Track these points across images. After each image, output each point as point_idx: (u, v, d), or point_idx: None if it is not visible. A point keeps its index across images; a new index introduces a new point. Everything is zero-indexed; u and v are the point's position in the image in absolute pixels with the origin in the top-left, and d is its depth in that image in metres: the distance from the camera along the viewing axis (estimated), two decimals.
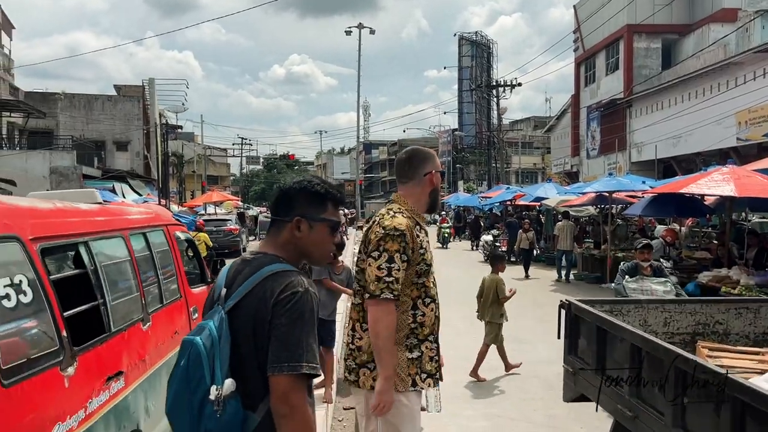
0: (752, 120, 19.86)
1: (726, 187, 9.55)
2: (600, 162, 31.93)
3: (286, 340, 1.73)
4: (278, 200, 2.00)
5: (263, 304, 1.78)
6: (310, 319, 1.78)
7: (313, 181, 2.01)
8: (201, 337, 1.80)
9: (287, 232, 1.95)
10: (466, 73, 50.08)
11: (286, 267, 1.87)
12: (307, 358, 1.73)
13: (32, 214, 2.98)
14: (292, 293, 1.78)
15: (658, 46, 29.74)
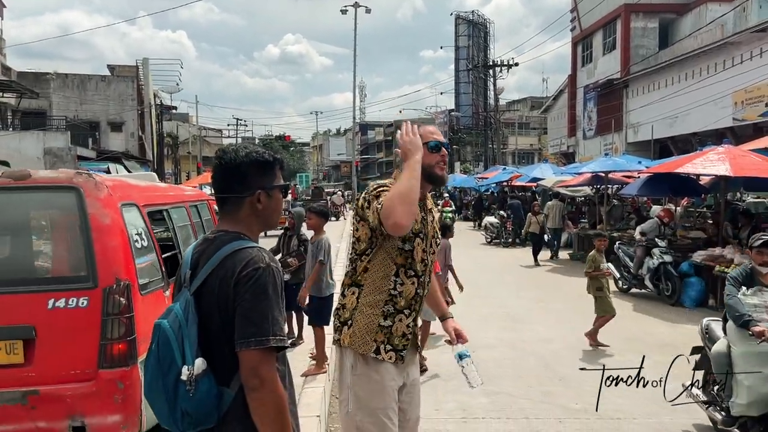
0: (748, 100, 19.85)
1: (721, 166, 9.59)
2: (596, 142, 31.92)
3: (251, 315, 1.77)
4: (229, 176, 1.97)
5: (225, 283, 1.82)
6: (274, 293, 1.82)
7: (258, 149, 2.02)
8: (168, 320, 1.85)
9: (247, 207, 1.98)
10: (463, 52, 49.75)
11: (246, 243, 1.90)
12: (274, 331, 1.78)
13: (139, 189, 4.52)
14: (254, 269, 1.81)
15: (655, 25, 29.59)
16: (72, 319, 3.60)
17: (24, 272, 3.86)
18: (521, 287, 11.47)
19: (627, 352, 7.26)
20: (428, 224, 2.73)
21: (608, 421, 5.14)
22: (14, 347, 3.55)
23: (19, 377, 3.52)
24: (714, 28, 23.56)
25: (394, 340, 2.62)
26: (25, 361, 3.56)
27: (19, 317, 3.57)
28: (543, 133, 51.75)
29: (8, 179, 3.86)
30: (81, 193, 3.78)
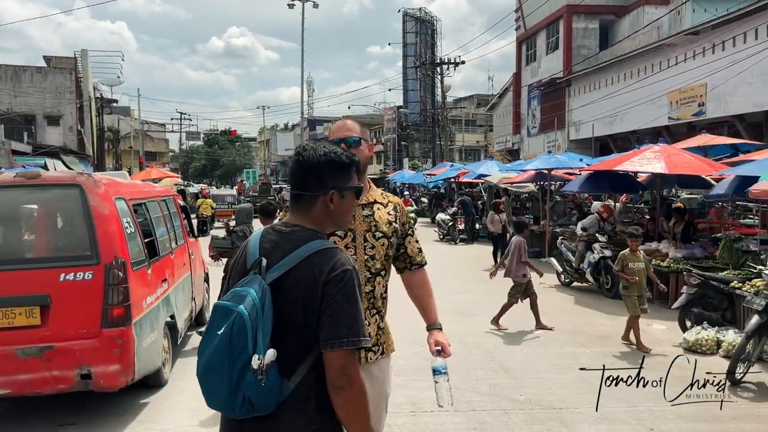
0: (682, 100, 20.74)
1: (657, 164, 10.01)
2: (540, 140, 32.70)
3: (342, 316, 1.84)
4: (306, 173, 2.01)
5: (313, 282, 1.86)
6: (359, 296, 1.90)
7: (336, 150, 2.05)
8: (244, 305, 1.83)
9: (321, 206, 2.01)
10: (411, 49, 49.98)
11: (328, 244, 1.95)
12: (363, 332, 1.86)
13: (126, 186, 5.80)
14: (343, 271, 1.87)
15: (596, 26, 30.52)
16: (79, 289, 4.68)
17: (39, 252, 5.09)
18: (468, 281, 11.68)
19: (569, 344, 7.52)
20: (356, 220, 2.67)
21: (551, 411, 5.32)
22: (32, 312, 4.62)
23: (37, 336, 4.58)
24: (651, 30, 24.51)
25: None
26: (42, 323, 4.62)
27: (36, 288, 4.64)
28: (489, 130, 52.64)
29: (23, 178, 5.03)
30: (83, 189, 4.87)
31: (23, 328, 4.60)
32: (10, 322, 4.61)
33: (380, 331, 2.73)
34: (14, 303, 4.62)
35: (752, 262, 8.04)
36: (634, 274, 7.33)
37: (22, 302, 4.61)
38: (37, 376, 4.63)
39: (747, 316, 6.86)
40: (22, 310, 4.60)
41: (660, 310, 9.27)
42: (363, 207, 2.70)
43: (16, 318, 4.62)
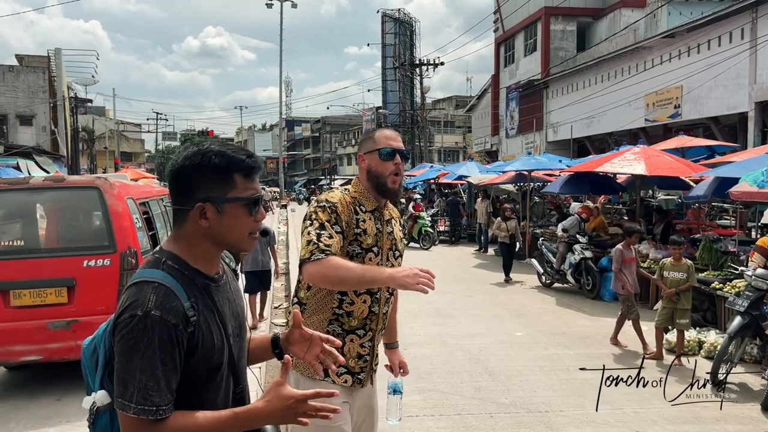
0: (659, 102, 20.97)
1: (637, 166, 10.06)
2: (518, 141, 32.87)
3: (118, 373, 1.48)
4: (174, 184, 1.61)
5: (113, 321, 1.54)
6: (149, 349, 1.45)
7: (211, 150, 1.58)
8: (87, 340, 1.69)
9: (191, 223, 1.59)
10: (390, 50, 49.96)
11: (149, 275, 1.54)
12: (137, 399, 1.43)
13: (133, 187, 6.77)
14: (129, 316, 1.47)
15: (573, 28, 30.77)
16: (99, 273, 5.61)
17: (66, 243, 5.96)
18: (447, 282, 11.62)
19: (551, 345, 7.49)
20: (383, 236, 2.51)
21: (537, 415, 5.27)
22: (61, 292, 5.58)
23: (64, 312, 5.53)
24: (627, 33, 24.76)
25: (348, 362, 2.44)
26: (68, 301, 5.56)
27: (64, 272, 5.57)
28: (468, 131, 52.80)
29: (50, 182, 6.21)
30: (101, 191, 5.80)
31: (53, 305, 5.61)
32: (43, 300, 5.63)
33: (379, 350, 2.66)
34: (46, 285, 5.63)
35: (732, 263, 8.10)
36: (669, 283, 6.84)
37: (52, 284, 5.63)
38: (64, 345, 5.58)
39: (729, 317, 6.89)
40: (52, 290, 5.64)
41: (641, 312, 9.31)
42: (386, 223, 2.55)
43: (47, 297, 5.63)
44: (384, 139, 2.46)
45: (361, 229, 2.41)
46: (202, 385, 1.57)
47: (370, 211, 2.47)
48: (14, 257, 5.72)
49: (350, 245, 2.39)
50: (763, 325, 6.03)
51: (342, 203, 2.40)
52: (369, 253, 2.43)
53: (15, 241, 5.95)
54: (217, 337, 1.59)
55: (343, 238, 2.35)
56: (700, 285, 7.75)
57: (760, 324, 6.10)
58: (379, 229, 2.48)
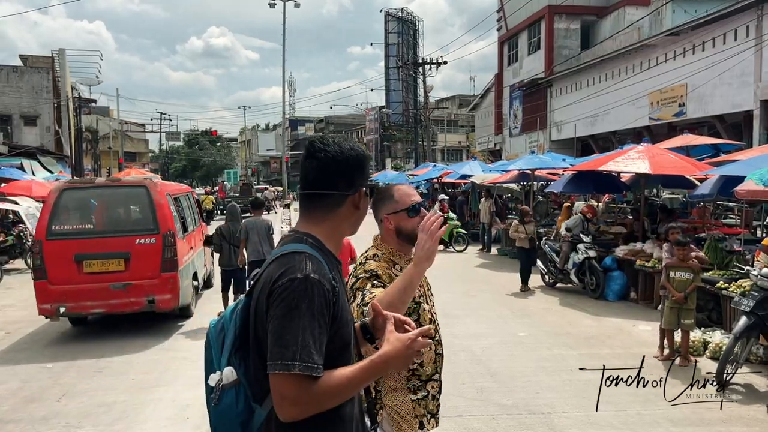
0: (663, 100, 20.84)
1: (641, 164, 9.97)
2: (522, 140, 32.76)
3: (278, 335, 1.56)
4: (333, 172, 1.78)
5: (263, 290, 1.64)
6: (309, 310, 1.57)
7: (357, 144, 1.87)
8: (214, 320, 1.79)
9: (347, 207, 1.81)
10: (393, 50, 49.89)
11: (297, 247, 1.69)
12: (302, 357, 1.53)
13: (169, 185, 9.31)
14: (289, 279, 1.59)
15: (577, 27, 30.63)
16: (148, 248, 7.80)
17: (123, 226, 8.15)
18: (451, 282, 11.57)
19: (555, 346, 7.42)
20: (423, 282, 2.56)
21: (539, 416, 5.21)
22: (119, 262, 7.80)
23: (122, 277, 7.75)
24: (631, 31, 24.63)
25: (429, 407, 2.53)
26: (125, 269, 7.78)
27: (122, 248, 7.82)
28: (471, 130, 52.73)
29: (110, 182, 8.81)
30: (148, 189, 8.06)
31: (114, 272, 7.82)
32: (107, 268, 7.84)
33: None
34: (109, 257, 7.87)
35: (737, 262, 8.01)
36: (675, 284, 6.74)
37: (114, 256, 7.87)
38: (121, 301, 7.86)
39: (734, 317, 6.81)
40: (114, 261, 7.87)
41: (645, 312, 9.24)
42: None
43: (110, 266, 7.85)
44: (405, 197, 2.51)
45: None
46: (339, 354, 1.67)
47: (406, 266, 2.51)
48: (86, 237, 7.93)
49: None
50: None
51: (382, 270, 2.45)
52: (421, 305, 2.52)
53: (86, 225, 8.11)
54: (347, 312, 1.75)
55: None
56: (705, 285, 7.67)
57: (766, 324, 6.02)
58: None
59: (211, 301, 10.06)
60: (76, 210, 8.15)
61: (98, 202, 8.35)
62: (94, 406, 5.69)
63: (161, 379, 6.42)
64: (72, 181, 10.29)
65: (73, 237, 7.85)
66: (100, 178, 9.81)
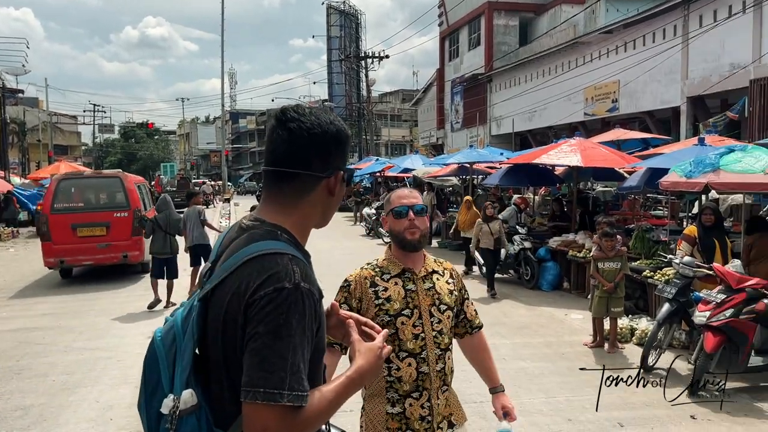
0: (597, 96, 21.48)
1: (573, 157, 10.22)
2: (463, 135, 33.17)
3: (262, 356, 1.28)
4: (309, 149, 1.46)
5: (237, 298, 1.33)
6: (299, 327, 1.30)
7: (340, 121, 1.53)
8: (161, 330, 1.44)
9: (320, 192, 1.49)
10: (336, 42, 49.58)
11: (278, 247, 1.37)
12: (291, 384, 1.27)
13: (134, 177, 13.20)
14: (274, 290, 1.30)
15: (515, 23, 31.19)
16: (122, 220, 11.08)
17: (106, 204, 11.64)
18: None
19: (489, 335, 7.44)
20: (419, 295, 2.46)
21: (471, 405, 5.20)
22: (102, 229, 11.11)
23: (104, 239, 11.07)
24: (567, 29, 25.25)
25: (413, 425, 2.41)
26: (106, 234, 11.09)
27: (104, 219, 11.20)
28: (414, 125, 53.03)
29: (94, 173, 13.52)
30: (121, 179, 11.63)
31: (99, 236, 11.05)
32: (94, 233, 11.05)
33: (448, 405, 2.51)
34: (95, 225, 11.11)
35: (662, 252, 8.31)
36: (604, 273, 6.92)
37: (99, 225, 11.11)
38: (104, 256, 11.14)
39: (659, 304, 7.05)
40: (99, 228, 11.09)
41: (577, 301, 9.48)
42: (423, 280, 2.50)
43: (96, 231, 11.08)
44: (397, 198, 2.54)
45: (382, 299, 2.44)
46: (316, 368, 1.45)
47: (396, 275, 2.48)
48: (80, 211, 11.35)
49: (377, 317, 2.40)
50: (690, 312, 6.18)
51: (357, 280, 2.49)
52: (400, 317, 2.42)
53: (79, 203, 11.51)
54: (325, 317, 1.52)
55: (359, 313, 2.33)
56: (633, 273, 7.92)
57: (687, 310, 6.25)
58: (411, 290, 2.46)
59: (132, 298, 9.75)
60: (71, 193, 11.55)
61: (86, 188, 11.83)
62: (9, 410, 5.39)
63: (84, 380, 6.15)
64: (66, 174, 13.83)
65: (70, 212, 11.25)
66: (87, 170, 15.03)
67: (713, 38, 16.07)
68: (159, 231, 9.34)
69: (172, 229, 9.40)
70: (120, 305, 9.50)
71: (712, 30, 16.06)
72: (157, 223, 9.35)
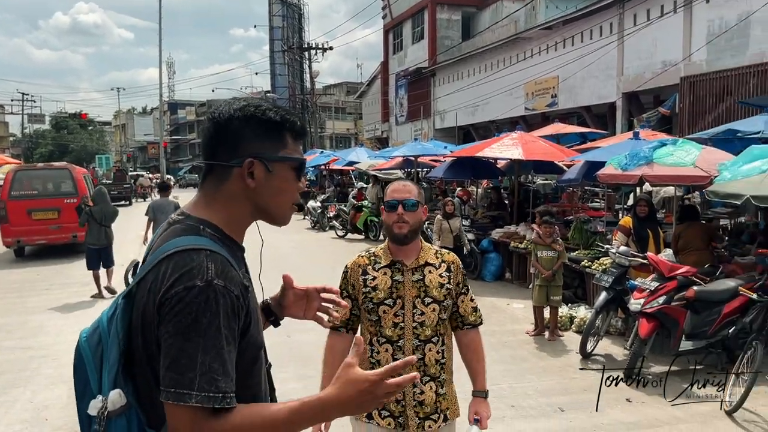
0: (537, 91, 21.99)
1: (515, 150, 10.44)
2: (408, 128, 33.36)
3: (173, 357, 1.24)
4: (217, 137, 1.42)
5: (152, 298, 1.30)
6: (212, 326, 1.25)
7: (262, 105, 1.44)
8: (86, 331, 1.40)
9: (234, 183, 1.41)
10: (278, 33, 48.85)
11: (197, 243, 1.32)
12: (200, 385, 1.22)
13: (79, 168, 15.19)
14: (184, 288, 1.25)
15: (458, 18, 31.54)
16: (71, 205, 12.02)
17: (57, 191, 13.45)
18: (334, 266, 11.55)
19: None
20: (405, 286, 2.54)
21: None
22: (55, 213, 13.06)
23: (56, 221, 13.04)
24: (509, 24, 25.70)
25: (389, 406, 2.52)
26: (58, 217, 13.03)
27: (56, 204, 13.15)
28: (359, 118, 52.94)
29: (47, 165, 15.38)
30: (69, 170, 13.85)
31: (51, 219, 12.95)
32: (47, 216, 12.95)
33: (440, 397, 2.57)
34: (48, 210, 13.02)
35: (600, 242, 8.60)
36: (542, 262, 7.14)
37: (51, 209, 13.02)
38: (56, 236, 13.09)
39: (596, 293, 7.31)
40: (51, 212, 13.02)
41: (519, 290, 9.71)
42: (413, 271, 2.56)
43: (49, 215, 12.98)
44: (390, 192, 2.61)
45: (369, 287, 2.56)
46: (251, 367, 1.39)
47: (386, 265, 2.57)
48: (34, 198, 13.14)
49: (363, 303, 2.57)
50: (625, 299, 6.43)
51: (353, 267, 2.64)
52: (382, 306, 2.54)
53: (33, 190, 13.28)
54: (258, 311, 1.46)
55: (351, 299, 2.60)
56: (572, 263, 8.17)
57: (623, 298, 6.51)
58: (398, 281, 2.54)
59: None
60: (26, 182, 13.38)
61: (40, 178, 13.66)
62: None
63: (17, 380, 5.90)
64: (21, 166, 16.38)
65: (25, 198, 13.06)
66: (40, 164, 17.26)
67: (647, 36, 16.70)
68: (94, 222, 9.42)
69: (107, 221, 9.55)
70: (54, 302, 9.14)
71: (645, 28, 16.69)
72: (92, 215, 9.41)
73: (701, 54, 14.95)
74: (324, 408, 1.29)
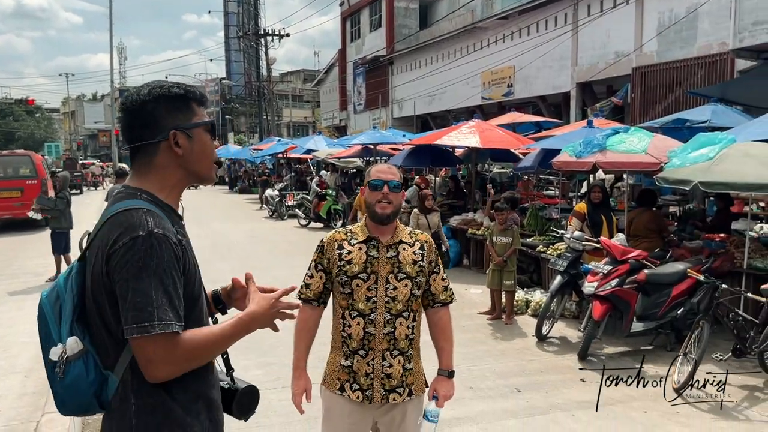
0: (494, 81, 22.21)
1: (472, 139, 10.56)
2: (366, 117, 33.29)
3: (129, 298, 1.49)
4: (137, 120, 1.65)
5: (101, 253, 1.54)
6: (159, 267, 1.50)
7: (164, 84, 1.69)
8: (47, 291, 1.66)
9: (163, 155, 1.65)
10: (233, 19, 48.07)
11: (135, 204, 1.57)
12: (159, 316, 1.48)
13: (38, 156, 18.09)
14: (130, 239, 1.50)
15: (416, 6, 31.54)
16: (32, 185, 15.41)
17: (19, 174, 16.01)
18: (293, 255, 11.50)
19: None
20: (379, 262, 2.61)
21: None
22: (18, 192, 15.54)
23: (19, 199, 15.22)
24: (466, 13, 25.84)
25: (359, 380, 2.62)
26: (21, 196, 15.34)
27: (19, 185, 15.68)
28: (317, 106, 52.55)
29: (9, 153, 18.14)
30: (32, 157, 16.65)
31: (15, 197, 15.35)
32: (11, 195, 15.46)
33: (406, 372, 2.65)
34: (12, 190, 15.53)
35: (555, 228, 8.79)
36: (497, 247, 7.26)
37: (15, 189, 15.52)
38: (19, 211, 14.65)
39: (551, 277, 7.47)
40: (15, 191, 15.51)
41: (476, 276, 9.85)
42: (388, 248, 2.64)
43: (13, 194, 15.47)
44: (375, 172, 2.71)
45: (344, 261, 2.64)
46: (189, 312, 1.61)
47: (362, 241, 2.65)
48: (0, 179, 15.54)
49: (337, 276, 2.65)
50: (579, 283, 6.60)
51: (329, 242, 2.71)
52: (355, 279, 2.61)
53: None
54: (195, 264, 1.68)
55: (325, 273, 2.70)
56: (527, 249, 8.34)
57: (577, 282, 6.67)
58: (372, 256, 2.62)
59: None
60: None
61: (3, 163, 15.93)
62: None
63: None
64: None
65: None
66: (4, 151, 18.54)
67: (600, 27, 17.04)
68: (66, 207, 9.72)
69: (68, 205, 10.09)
70: (4, 292, 8.85)
71: (598, 19, 17.02)
72: (66, 200, 9.75)
73: (652, 45, 15.35)
74: (253, 319, 1.68)
